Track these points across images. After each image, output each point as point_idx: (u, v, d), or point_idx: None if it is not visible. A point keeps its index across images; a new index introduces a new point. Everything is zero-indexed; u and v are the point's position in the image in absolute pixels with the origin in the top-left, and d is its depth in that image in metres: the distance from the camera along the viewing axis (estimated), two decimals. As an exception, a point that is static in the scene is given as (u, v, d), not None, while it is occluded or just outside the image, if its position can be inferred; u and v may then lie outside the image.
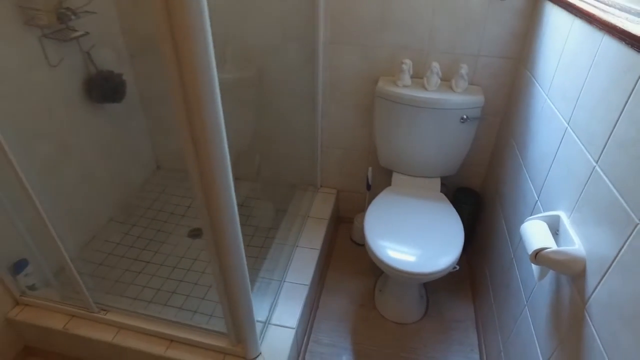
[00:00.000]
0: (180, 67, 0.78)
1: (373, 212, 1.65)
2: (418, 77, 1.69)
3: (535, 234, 1.00)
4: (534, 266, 1.05)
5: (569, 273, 0.95)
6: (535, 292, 1.16)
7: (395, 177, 1.83)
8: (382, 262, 1.44)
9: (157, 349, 1.40)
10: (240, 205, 1.80)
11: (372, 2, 1.60)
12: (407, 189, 1.78)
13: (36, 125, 1.54)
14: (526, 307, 1.21)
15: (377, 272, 1.93)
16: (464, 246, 1.51)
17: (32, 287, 1.55)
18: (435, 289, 1.85)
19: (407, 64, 1.64)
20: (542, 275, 1.04)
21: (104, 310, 1.49)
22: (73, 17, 1.50)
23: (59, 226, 1.32)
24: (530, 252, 0.96)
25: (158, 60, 2.12)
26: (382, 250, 1.46)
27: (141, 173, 2.27)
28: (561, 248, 0.95)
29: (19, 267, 1.50)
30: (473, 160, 1.85)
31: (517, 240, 1.36)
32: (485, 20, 1.53)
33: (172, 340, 1.41)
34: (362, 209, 2.11)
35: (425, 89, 1.64)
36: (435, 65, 1.61)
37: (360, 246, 2.08)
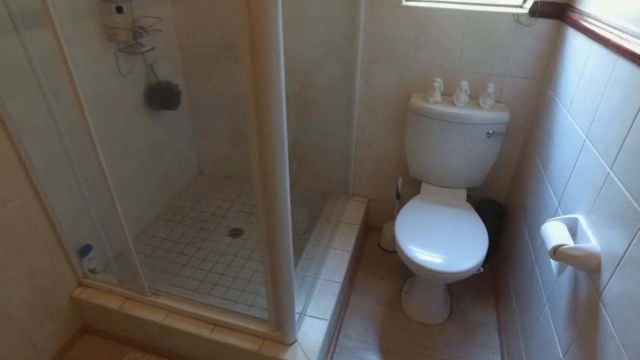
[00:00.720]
0: (256, 75, 0.94)
1: (403, 218, 1.77)
2: (448, 94, 1.84)
3: (554, 232, 1.11)
4: (552, 262, 1.16)
5: (586, 268, 1.05)
6: (554, 291, 1.26)
7: (424, 187, 1.96)
8: (411, 261, 1.55)
9: (202, 331, 1.54)
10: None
11: (407, 25, 1.76)
12: (435, 197, 1.90)
13: (108, 125, 1.75)
14: (546, 306, 1.31)
15: (403, 276, 2.04)
16: (487, 256, 1.61)
17: (93, 271, 1.73)
18: (460, 296, 1.95)
19: (438, 82, 1.79)
20: (560, 271, 1.14)
21: (155, 294, 1.65)
22: (144, 34, 1.72)
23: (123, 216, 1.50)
24: (549, 248, 1.07)
25: (207, 73, 2.34)
26: (412, 252, 1.58)
27: (185, 177, 2.46)
28: (578, 245, 1.06)
29: (84, 251, 1.68)
30: (498, 174, 1.97)
31: (539, 245, 1.46)
32: (511, 44, 1.67)
33: (215, 325, 1.55)
34: (391, 218, 2.24)
35: (455, 105, 1.78)
36: (464, 84, 1.75)
37: (388, 252, 2.20)
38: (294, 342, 1.49)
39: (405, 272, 2.06)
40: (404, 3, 1.75)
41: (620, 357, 0.85)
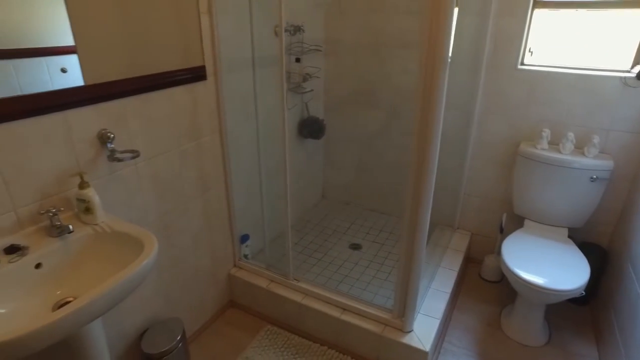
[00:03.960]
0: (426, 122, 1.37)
1: (509, 245, 2.02)
2: (554, 143, 2.12)
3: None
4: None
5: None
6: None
7: (527, 222, 2.20)
8: (517, 277, 1.80)
9: (334, 312, 1.88)
10: (389, 233, 2.37)
11: (521, 84, 2.12)
12: (537, 232, 2.13)
13: (274, 145, 2.26)
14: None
15: (503, 302, 2.24)
16: (587, 298, 1.77)
17: (246, 256, 2.18)
18: (558, 327, 2.09)
19: (546, 132, 2.09)
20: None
21: (296, 279, 2.04)
22: (309, 78, 2.26)
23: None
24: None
25: (343, 113, 2.88)
26: (518, 271, 1.82)
27: (311, 198, 2.94)
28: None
29: (243, 239, 2.15)
30: (601, 219, 2.15)
31: (642, 274, 1.63)
32: (617, 103, 1.94)
33: (344, 309, 1.89)
34: (492, 251, 2.47)
35: (560, 152, 2.05)
36: (571, 135, 2.03)
37: (489, 282, 2.41)
38: (410, 331, 1.77)
39: (505, 299, 2.26)
40: (519, 67, 2.13)
41: None
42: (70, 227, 1.19)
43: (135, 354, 1.68)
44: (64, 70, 1.19)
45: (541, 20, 2.08)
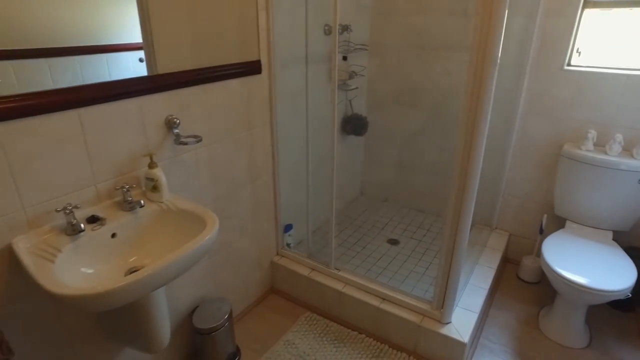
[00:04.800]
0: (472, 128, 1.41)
1: (550, 244, 2.02)
2: (600, 145, 2.10)
3: None
4: None
5: None
6: None
7: (569, 224, 2.19)
8: (559, 275, 1.80)
9: (373, 301, 1.93)
10: (427, 230, 2.41)
11: (566, 85, 2.12)
12: (580, 233, 2.12)
13: (319, 139, 2.34)
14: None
15: (541, 303, 2.23)
16: (633, 305, 1.74)
17: (288, 245, 2.27)
18: (600, 330, 2.06)
19: (592, 134, 2.08)
20: None
21: (337, 269, 2.10)
22: (354, 76, 2.33)
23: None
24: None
25: (384, 113, 2.96)
26: (560, 270, 1.82)
27: (350, 194, 3.01)
28: None
29: (286, 228, 2.24)
30: (649, 223, 2.12)
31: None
32: (669, 104, 1.92)
33: (384, 299, 1.94)
34: (530, 252, 2.46)
35: (607, 154, 2.04)
36: (619, 136, 2.01)
37: (527, 283, 2.41)
38: (449, 323, 1.81)
39: (544, 300, 2.25)
40: (565, 67, 2.12)
41: None
42: (142, 202, 1.31)
43: (186, 328, 1.79)
44: (141, 60, 1.31)
45: (591, 20, 2.07)
